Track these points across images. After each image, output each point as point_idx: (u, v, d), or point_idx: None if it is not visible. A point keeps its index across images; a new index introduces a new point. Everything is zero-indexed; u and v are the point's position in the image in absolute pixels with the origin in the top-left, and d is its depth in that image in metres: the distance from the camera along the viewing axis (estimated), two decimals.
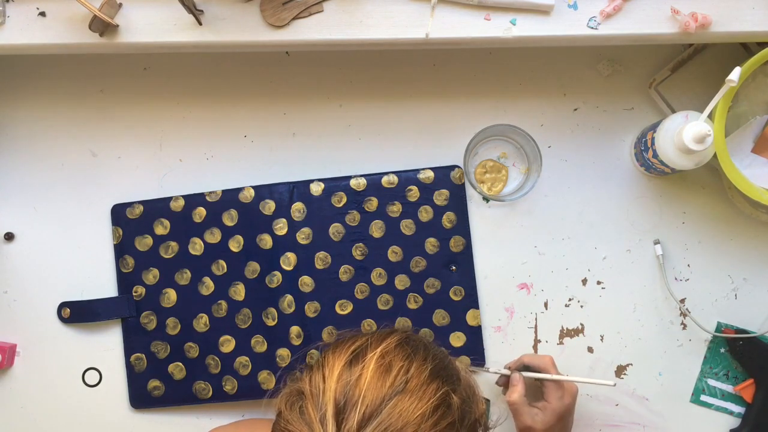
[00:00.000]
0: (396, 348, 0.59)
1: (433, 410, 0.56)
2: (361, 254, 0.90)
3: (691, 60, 0.89)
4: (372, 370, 0.56)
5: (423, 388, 0.56)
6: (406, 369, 0.57)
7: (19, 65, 0.92)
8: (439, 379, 0.58)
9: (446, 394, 0.58)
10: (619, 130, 0.91)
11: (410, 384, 0.56)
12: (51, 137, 0.93)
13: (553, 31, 0.78)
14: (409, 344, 0.60)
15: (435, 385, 0.57)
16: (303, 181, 0.90)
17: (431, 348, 0.62)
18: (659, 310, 0.91)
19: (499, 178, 0.91)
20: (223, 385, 0.90)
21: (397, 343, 0.60)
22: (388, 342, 0.60)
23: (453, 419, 0.57)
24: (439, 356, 0.61)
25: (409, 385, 0.56)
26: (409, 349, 0.59)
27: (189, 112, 0.93)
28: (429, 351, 0.61)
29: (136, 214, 0.91)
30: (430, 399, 0.56)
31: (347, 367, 0.57)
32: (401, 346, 0.59)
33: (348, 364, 0.57)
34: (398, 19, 0.78)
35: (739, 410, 0.90)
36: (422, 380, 0.57)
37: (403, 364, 0.57)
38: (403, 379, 0.56)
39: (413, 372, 0.57)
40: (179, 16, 0.78)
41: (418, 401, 0.55)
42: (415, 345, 0.61)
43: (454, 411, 0.58)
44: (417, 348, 0.60)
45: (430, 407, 0.56)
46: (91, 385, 0.93)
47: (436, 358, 0.60)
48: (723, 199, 0.90)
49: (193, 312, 0.91)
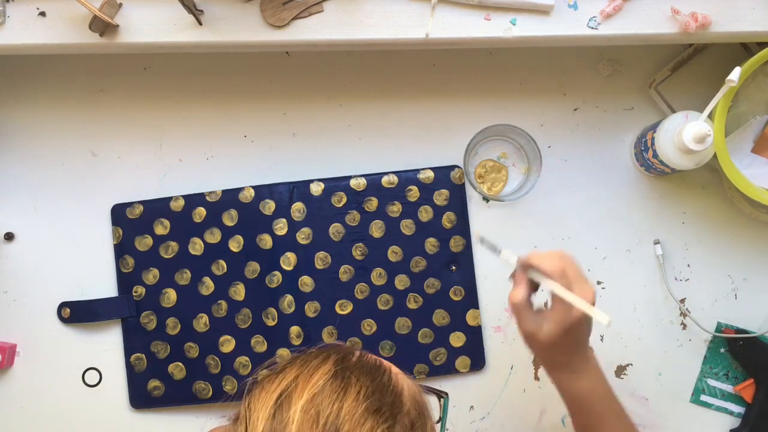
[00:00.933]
0: (325, 386, 0.55)
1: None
2: (361, 254, 0.90)
3: (691, 60, 0.89)
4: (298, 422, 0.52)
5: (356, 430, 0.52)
6: (336, 413, 0.53)
7: (19, 65, 0.92)
8: (375, 416, 0.54)
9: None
10: (619, 130, 0.91)
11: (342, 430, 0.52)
12: (51, 137, 0.93)
13: (553, 31, 0.78)
14: (341, 378, 0.56)
15: (369, 424, 0.53)
16: (303, 181, 0.90)
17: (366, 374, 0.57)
18: (659, 310, 0.91)
19: (499, 178, 0.91)
20: (223, 385, 0.90)
21: (326, 380, 0.55)
22: (315, 379, 0.55)
23: None
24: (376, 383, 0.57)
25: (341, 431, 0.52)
26: (339, 386, 0.55)
27: (189, 112, 0.93)
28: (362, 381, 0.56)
29: (136, 214, 0.91)
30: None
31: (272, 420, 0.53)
32: (331, 383, 0.55)
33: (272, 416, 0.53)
34: (398, 19, 0.78)
35: (739, 410, 0.90)
36: (355, 423, 0.53)
37: (333, 408, 0.53)
38: (332, 427, 0.52)
39: (345, 415, 0.53)
40: (179, 16, 0.78)
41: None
42: (348, 377, 0.56)
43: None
44: (349, 381, 0.55)
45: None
46: (91, 385, 0.93)
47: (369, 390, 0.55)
48: (723, 199, 0.90)
49: (193, 312, 0.91)
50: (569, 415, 0.75)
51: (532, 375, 0.91)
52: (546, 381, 0.91)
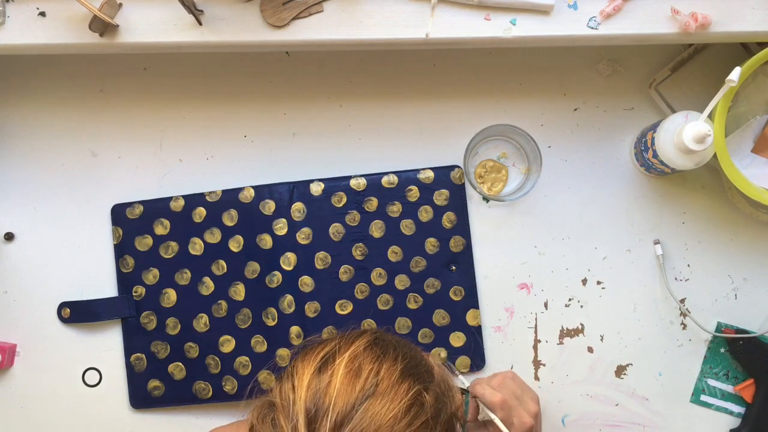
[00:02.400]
0: (365, 350, 0.59)
1: (406, 411, 0.56)
2: (361, 254, 0.90)
3: (691, 60, 0.89)
4: (341, 375, 0.56)
5: (394, 389, 0.56)
6: (376, 371, 0.57)
7: (19, 65, 0.92)
8: (411, 379, 0.58)
9: (418, 393, 0.57)
10: (619, 130, 0.91)
11: (381, 386, 0.56)
12: (51, 137, 0.93)
13: (553, 31, 0.78)
14: (379, 345, 0.60)
15: (406, 384, 0.57)
16: (303, 181, 0.90)
17: (401, 347, 0.61)
18: (659, 310, 0.91)
19: (499, 178, 0.91)
20: (223, 385, 0.90)
21: (366, 345, 0.59)
22: (356, 345, 0.59)
23: (426, 418, 0.57)
24: (410, 354, 0.61)
25: (380, 387, 0.56)
26: (379, 351, 0.59)
27: (189, 112, 0.93)
28: (399, 350, 0.60)
29: (136, 214, 0.91)
30: (402, 399, 0.56)
31: (316, 375, 0.57)
32: (370, 348, 0.59)
33: (317, 372, 0.57)
34: (398, 19, 0.78)
35: (739, 410, 0.90)
36: (393, 381, 0.57)
37: (373, 367, 0.57)
38: (373, 381, 0.56)
39: (383, 374, 0.57)
40: (179, 16, 0.78)
41: (389, 403, 0.55)
42: (385, 345, 0.60)
43: (427, 409, 0.57)
44: (387, 348, 0.60)
45: (402, 408, 0.55)
46: (91, 385, 0.93)
47: (406, 357, 0.60)
48: (723, 199, 0.90)
49: (193, 312, 0.91)
50: None
51: (532, 375, 0.91)
52: (546, 381, 0.91)
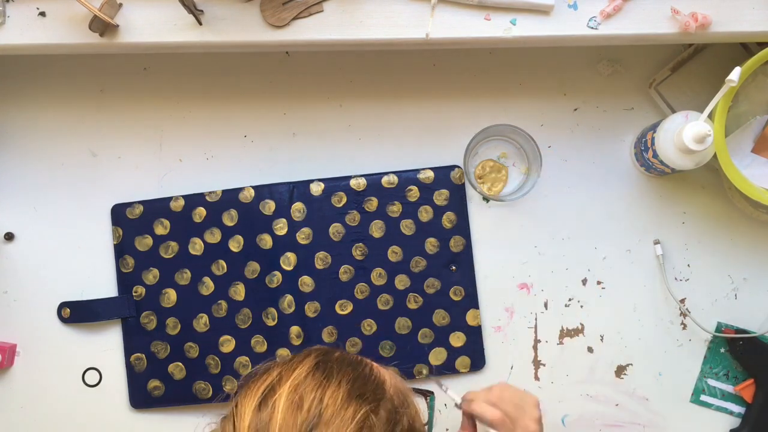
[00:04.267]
0: (306, 378, 0.57)
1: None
2: (361, 254, 0.90)
3: (691, 60, 0.89)
4: (283, 409, 0.54)
5: (340, 414, 0.54)
6: (319, 399, 0.55)
7: (19, 65, 0.92)
8: (357, 401, 0.56)
9: (366, 416, 0.55)
10: (619, 130, 0.91)
11: (325, 414, 0.54)
12: (51, 137, 0.93)
13: (553, 31, 0.78)
14: (321, 369, 0.58)
15: (352, 408, 0.55)
16: (303, 181, 0.90)
17: (348, 366, 0.59)
18: (659, 310, 0.91)
19: (499, 178, 0.91)
20: (223, 385, 0.90)
21: (308, 372, 0.57)
22: (297, 372, 0.57)
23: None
24: (356, 374, 0.59)
25: (325, 415, 0.54)
26: (321, 376, 0.57)
27: (189, 112, 0.93)
28: (343, 372, 0.58)
29: (136, 214, 0.91)
30: (348, 426, 0.54)
31: (257, 412, 0.55)
32: (312, 375, 0.57)
33: (257, 408, 0.55)
34: (398, 19, 0.78)
35: (739, 410, 0.90)
36: (338, 406, 0.55)
37: (315, 395, 0.55)
38: (316, 411, 0.54)
39: (327, 400, 0.55)
40: (179, 16, 0.78)
41: (336, 430, 0.53)
42: (329, 368, 0.58)
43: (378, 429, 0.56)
44: (330, 372, 0.58)
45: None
46: (91, 385, 0.93)
47: (350, 377, 0.58)
48: (723, 199, 0.90)
49: (193, 312, 0.91)
50: None
51: (532, 375, 0.91)
52: (546, 381, 0.91)
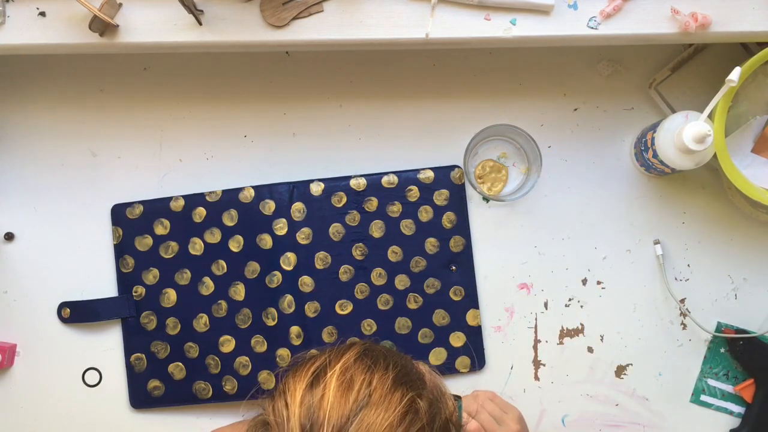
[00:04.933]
0: (356, 362, 0.58)
1: (401, 418, 0.55)
2: (361, 254, 0.90)
3: (691, 60, 0.89)
4: (334, 388, 0.56)
5: (388, 397, 0.56)
6: (368, 381, 0.57)
7: (19, 65, 0.92)
8: (404, 386, 0.58)
9: (412, 400, 0.57)
10: (619, 130, 0.91)
11: (374, 396, 0.56)
12: (51, 137, 0.93)
13: (553, 31, 0.78)
14: (369, 356, 0.60)
15: (399, 392, 0.57)
16: (303, 181, 0.90)
17: (392, 356, 0.61)
18: (659, 310, 0.91)
19: (499, 178, 0.91)
20: (223, 385, 0.90)
21: (357, 357, 0.59)
22: (347, 357, 0.59)
23: (422, 424, 0.57)
24: (401, 363, 0.61)
25: (373, 397, 0.56)
26: (369, 361, 0.59)
27: (189, 112, 0.93)
28: (389, 360, 0.60)
29: (136, 214, 0.91)
30: (396, 408, 0.56)
31: (308, 390, 0.56)
32: (361, 359, 0.59)
33: (309, 387, 0.57)
34: (398, 19, 0.78)
35: (739, 410, 0.90)
36: (386, 390, 0.56)
37: (365, 377, 0.57)
38: (366, 392, 0.56)
39: (376, 383, 0.57)
40: (179, 16, 0.78)
41: (384, 412, 0.55)
42: (375, 356, 0.60)
43: (422, 415, 0.57)
44: (377, 358, 0.60)
45: (397, 416, 0.55)
46: (91, 385, 0.93)
47: (397, 366, 0.60)
48: (723, 199, 0.90)
49: (193, 312, 0.91)
50: None
51: (532, 375, 0.91)
52: (546, 381, 0.91)
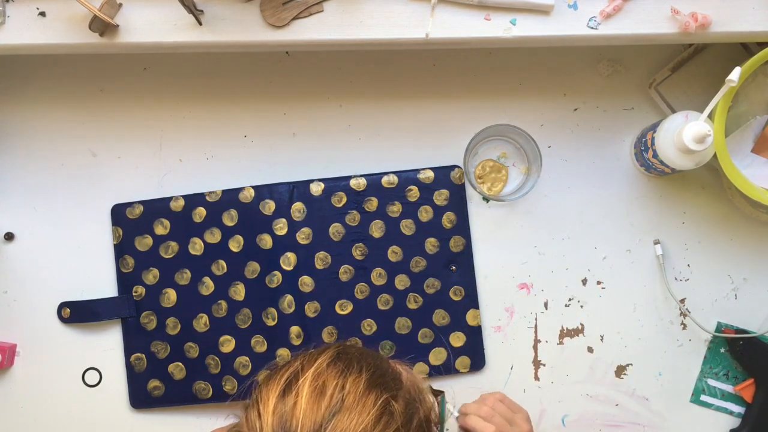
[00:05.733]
0: (328, 366, 0.58)
1: (375, 421, 0.55)
2: (361, 254, 0.90)
3: (691, 60, 0.89)
4: (306, 395, 0.55)
5: (361, 401, 0.55)
6: (341, 386, 0.56)
7: (19, 65, 0.92)
8: (378, 389, 0.57)
9: (386, 403, 0.56)
10: (619, 130, 0.91)
11: (347, 400, 0.55)
12: (51, 137, 0.93)
13: (553, 31, 0.78)
14: (342, 359, 0.59)
15: (373, 395, 0.56)
16: (303, 181, 0.90)
17: (366, 358, 0.60)
18: (659, 310, 0.91)
19: (499, 178, 0.91)
20: (223, 385, 0.90)
21: (329, 361, 0.58)
22: (319, 362, 0.58)
23: (398, 425, 0.56)
24: (375, 364, 0.60)
25: (347, 401, 0.55)
26: (342, 365, 0.58)
27: (189, 112, 0.93)
28: (363, 362, 0.59)
29: (136, 214, 0.91)
30: (370, 411, 0.55)
31: (281, 398, 0.56)
32: (333, 364, 0.58)
33: (281, 395, 0.56)
34: (398, 19, 0.78)
35: (739, 410, 0.90)
36: (359, 393, 0.56)
37: (338, 382, 0.56)
38: (339, 396, 0.55)
39: (349, 387, 0.56)
40: (179, 16, 0.78)
41: (358, 416, 0.54)
42: (348, 359, 0.59)
43: (397, 417, 0.57)
44: (350, 362, 0.59)
45: (371, 419, 0.55)
46: (91, 385, 0.93)
47: (371, 368, 0.59)
48: (723, 199, 0.90)
49: (193, 312, 0.91)
50: None
51: (532, 375, 0.91)
52: (546, 381, 0.91)
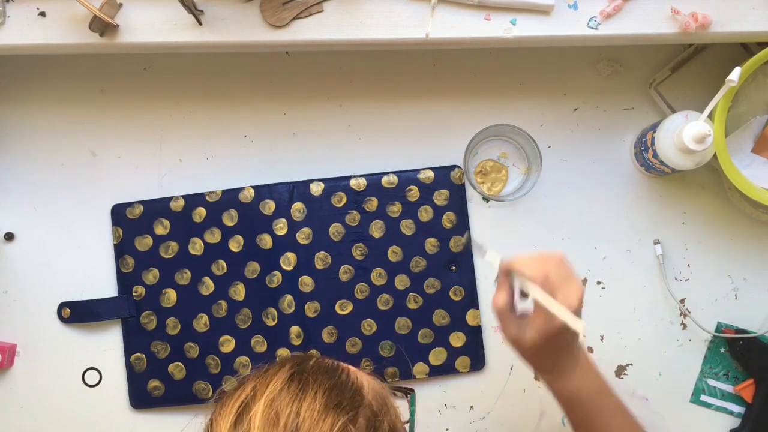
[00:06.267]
0: (282, 391, 0.56)
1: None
2: (361, 254, 0.90)
3: (691, 60, 0.89)
4: (259, 427, 0.53)
5: (318, 426, 0.53)
6: (295, 413, 0.54)
7: (19, 65, 0.92)
8: (335, 410, 0.55)
9: (344, 426, 0.54)
10: (619, 130, 0.91)
11: (302, 428, 0.53)
12: (51, 137, 0.93)
13: (553, 31, 0.78)
14: (297, 381, 0.57)
15: (330, 420, 0.54)
16: (303, 181, 0.90)
17: (323, 375, 0.58)
18: (659, 310, 0.91)
19: (499, 178, 0.91)
20: (223, 385, 0.90)
21: (283, 384, 0.56)
22: (273, 386, 0.56)
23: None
24: (332, 382, 0.58)
25: (302, 430, 0.53)
26: (297, 388, 0.56)
27: (189, 112, 0.93)
28: (318, 381, 0.57)
29: (136, 214, 0.91)
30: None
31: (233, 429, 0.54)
32: (287, 387, 0.56)
33: (233, 426, 0.54)
34: (398, 19, 0.78)
35: (739, 410, 0.90)
36: (315, 419, 0.54)
37: (292, 408, 0.54)
38: (293, 426, 0.53)
39: (304, 414, 0.54)
40: (179, 16, 0.78)
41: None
42: (304, 379, 0.57)
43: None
44: (306, 382, 0.56)
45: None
46: (91, 385, 0.93)
47: (327, 388, 0.56)
48: (723, 199, 0.90)
49: (193, 312, 0.91)
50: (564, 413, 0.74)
51: (533, 375, 0.91)
52: None
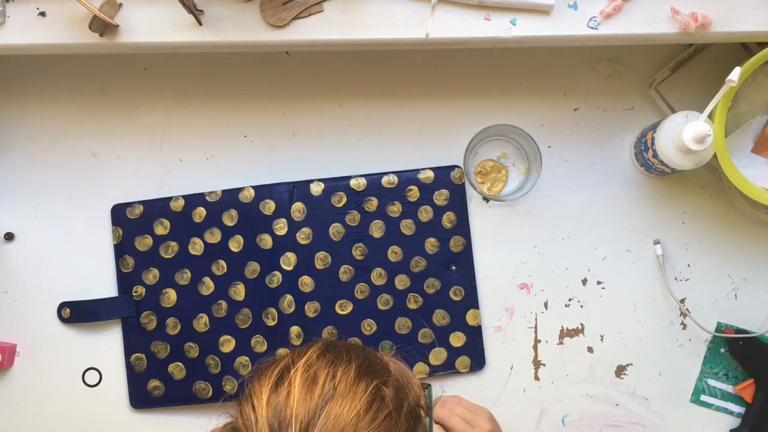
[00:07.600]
0: (318, 358, 0.59)
1: (368, 406, 0.56)
2: (361, 254, 0.90)
3: (691, 60, 0.89)
4: (298, 385, 0.57)
5: (353, 388, 0.57)
6: (332, 375, 0.58)
7: (19, 65, 0.92)
8: (368, 376, 0.59)
9: (377, 389, 0.58)
10: (619, 130, 0.91)
11: (339, 388, 0.57)
12: (51, 137, 0.93)
13: (553, 31, 0.78)
14: (331, 351, 0.61)
15: (364, 382, 0.58)
16: (303, 181, 0.90)
17: (354, 349, 0.62)
18: (659, 310, 0.91)
19: (499, 178, 0.91)
20: (223, 385, 0.90)
21: (319, 353, 0.60)
22: (309, 354, 0.60)
23: (389, 410, 0.58)
24: (363, 354, 0.62)
25: (338, 389, 0.56)
26: (332, 356, 0.60)
27: (189, 112, 0.93)
28: (352, 353, 0.61)
29: (136, 214, 0.91)
30: (361, 397, 0.57)
31: (274, 390, 0.57)
32: (323, 355, 0.60)
33: (274, 387, 0.57)
34: (398, 19, 0.78)
35: (739, 410, 0.90)
36: (350, 381, 0.57)
37: (329, 371, 0.58)
38: (330, 385, 0.57)
39: (339, 376, 0.58)
40: (179, 16, 0.78)
41: (350, 402, 0.56)
42: (337, 350, 0.61)
43: (388, 402, 0.58)
44: (339, 353, 0.61)
45: (363, 405, 0.56)
46: (91, 385, 0.93)
47: (359, 357, 0.61)
48: (723, 199, 0.90)
49: (193, 312, 0.91)
50: None
51: (532, 375, 0.91)
52: (546, 381, 0.91)
